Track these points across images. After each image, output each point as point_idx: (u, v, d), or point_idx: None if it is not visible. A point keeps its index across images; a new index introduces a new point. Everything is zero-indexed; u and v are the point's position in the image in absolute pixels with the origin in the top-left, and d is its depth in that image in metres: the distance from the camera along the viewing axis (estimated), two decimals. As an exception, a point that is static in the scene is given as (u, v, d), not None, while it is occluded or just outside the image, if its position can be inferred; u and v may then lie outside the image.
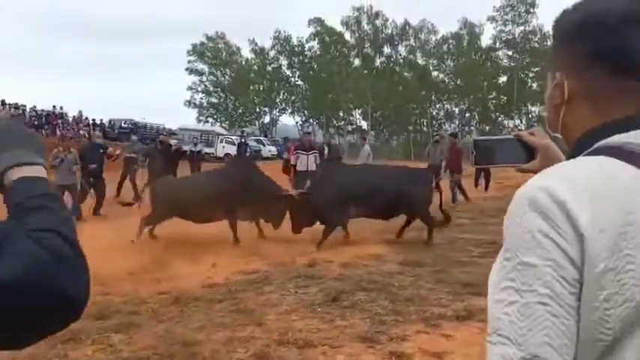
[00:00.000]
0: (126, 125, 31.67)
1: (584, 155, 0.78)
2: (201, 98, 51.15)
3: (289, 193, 8.18)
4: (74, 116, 28.48)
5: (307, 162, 11.57)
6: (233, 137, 31.37)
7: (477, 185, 16.72)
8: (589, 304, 0.68)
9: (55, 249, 0.67)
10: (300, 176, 11.21)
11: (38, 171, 0.78)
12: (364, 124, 53.98)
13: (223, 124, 51.57)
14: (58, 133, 24.55)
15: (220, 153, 31.08)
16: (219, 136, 32.33)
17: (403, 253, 6.82)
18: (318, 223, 7.82)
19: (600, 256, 0.68)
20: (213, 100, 51.48)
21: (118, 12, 75.94)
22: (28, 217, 0.70)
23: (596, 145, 0.77)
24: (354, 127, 55.42)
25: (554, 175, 0.74)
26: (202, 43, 49.64)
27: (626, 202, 0.70)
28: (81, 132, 26.26)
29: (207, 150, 26.88)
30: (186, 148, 26.33)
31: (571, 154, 0.81)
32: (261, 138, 37.72)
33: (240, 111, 52.67)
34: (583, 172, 0.73)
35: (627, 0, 0.78)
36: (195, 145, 17.25)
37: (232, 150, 28.47)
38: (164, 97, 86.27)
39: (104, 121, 31.08)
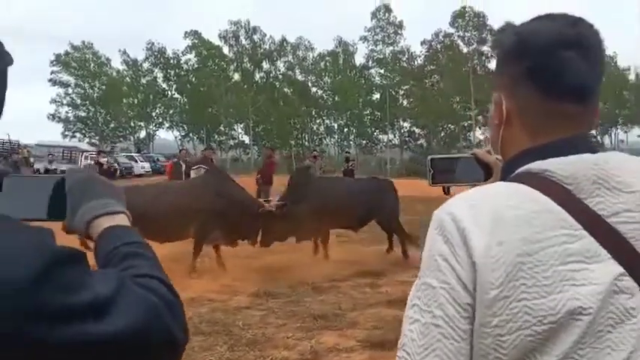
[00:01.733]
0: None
1: (504, 180, 0.80)
2: (67, 112, 47.34)
3: (268, 208, 7.45)
4: None
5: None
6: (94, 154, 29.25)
7: None
8: (481, 328, 0.70)
9: (160, 293, 0.68)
10: None
11: (123, 219, 0.81)
12: (246, 139, 53.58)
13: (93, 139, 48.24)
14: None
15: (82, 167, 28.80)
16: (84, 153, 29.97)
17: (260, 281, 6.51)
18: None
19: (493, 283, 0.69)
20: (81, 113, 47.86)
21: None
22: (126, 264, 0.72)
23: (517, 171, 0.78)
24: (236, 141, 54.75)
25: (462, 201, 0.76)
26: (67, 53, 46.03)
27: (529, 232, 0.70)
28: None
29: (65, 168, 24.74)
30: (39, 165, 24.19)
31: (501, 178, 0.83)
32: (133, 154, 35.66)
33: (112, 125, 49.54)
34: (491, 200, 0.74)
35: (560, 23, 0.80)
36: (51, 162, 15.69)
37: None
38: (24, 111, 78.67)
39: None
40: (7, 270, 0.53)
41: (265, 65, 50.79)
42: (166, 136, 54.16)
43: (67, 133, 47.22)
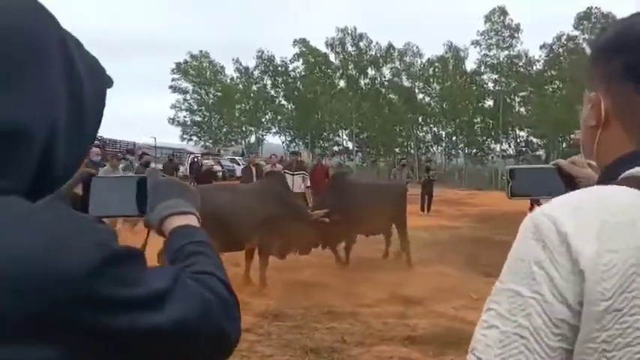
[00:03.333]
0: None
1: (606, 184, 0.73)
2: (185, 116, 50.75)
3: (320, 217, 7.05)
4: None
5: (293, 183, 11.16)
6: (199, 156, 30.73)
7: (422, 209, 16.57)
8: (585, 344, 0.63)
9: (217, 290, 0.73)
10: None
11: (193, 220, 0.88)
12: (350, 145, 53.73)
13: (207, 142, 51.16)
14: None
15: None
16: (190, 155, 31.72)
17: (277, 298, 6.16)
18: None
19: (604, 294, 0.63)
20: (197, 118, 51.06)
21: (103, 29, 75.91)
22: (189, 261, 0.78)
23: (622, 176, 0.72)
24: (340, 147, 55.11)
25: (564, 204, 0.69)
26: (186, 62, 49.38)
27: None
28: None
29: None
30: (153, 166, 25.84)
31: (598, 184, 0.76)
32: (236, 157, 37.16)
33: (224, 130, 52.23)
34: (599, 203, 0.67)
35: None
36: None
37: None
38: (150, 115, 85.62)
39: None
40: (69, 262, 0.58)
41: (370, 72, 50.57)
42: (274, 141, 55.87)
43: (184, 136, 50.55)
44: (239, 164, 35.61)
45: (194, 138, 50.82)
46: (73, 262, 0.58)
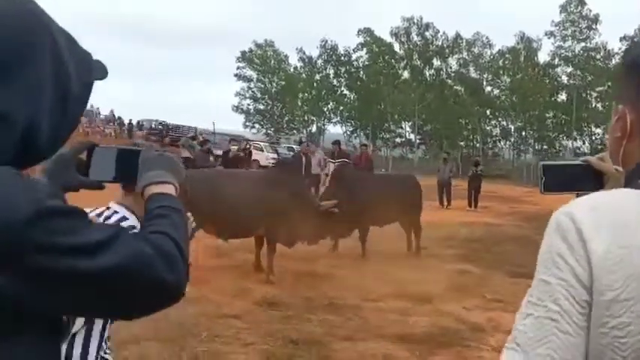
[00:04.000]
0: (155, 126, 32.26)
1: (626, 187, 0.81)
2: (248, 104, 51.69)
3: (329, 208, 7.00)
4: (105, 115, 29.39)
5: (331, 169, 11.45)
6: (262, 143, 31.16)
7: (441, 203, 16.11)
8: (597, 328, 0.71)
9: (159, 246, 0.83)
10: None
11: (170, 189, 1.03)
12: (413, 137, 52.79)
13: (269, 131, 51.91)
14: (81, 130, 25.27)
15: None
16: (247, 142, 32.24)
17: (278, 287, 6.11)
18: None
19: (611, 286, 0.71)
20: (260, 106, 51.86)
21: (172, 18, 78.33)
22: (151, 222, 0.92)
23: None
24: (402, 139, 54.28)
25: (583, 203, 0.78)
26: (251, 50, 50.19)
27: None
28: (106, 130, 26.98)
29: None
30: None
31: (623, 187, 0.83)
32: (293, 146, 37.46)
33: (286, 118, 52.76)
34: (613, 203, 0.76)
35: None
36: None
37: (260, 156, 28.50)
38: (214, 102, 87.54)
39: (134, 122, 31.72)
40: (8, 215, 0.69)
41: (436, 62, 49.27)
42: (336, 131, 55.84)
43: (247, 123, 51.54)
44: (263, 151, 35.90)
45: (256, 126, 51.65)
46: (12, 215, 0.69)
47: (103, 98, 65.59)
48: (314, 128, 54.46)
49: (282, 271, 6.72)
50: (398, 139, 54.16)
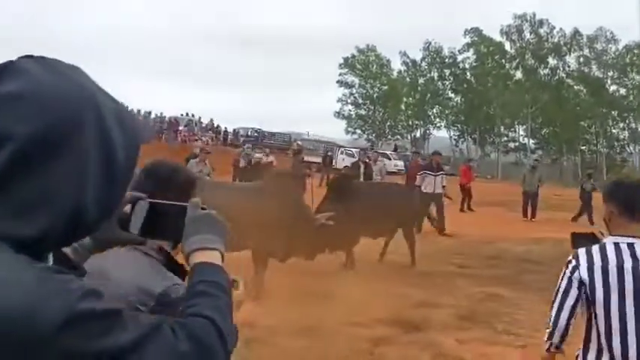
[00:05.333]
0: (251, 134, 33.39)
1: None
2: (350, 110, 51.74)
3: (325, 221, 6.57)
4: (205, 124, 30.96)
5: (434, 184, 11.00)
6: (353, 150, 30.95)
7: (525, 215, 14.55)
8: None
9: (199, 339, 0.79)
10: (426, 198, 10.59)
11: (216, 257, 0.97)
12: (528, 141, 49.40)
13: (370, 137, 51.56)
14: (179, 138, 26.85)
15: (340, 165, 30.97)
16: (340, 148, 32.21)
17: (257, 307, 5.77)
18: None
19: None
20: (362, 112, 51.68)
21: (270, 24, 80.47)
22: (194, 300, 0.87)
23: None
24: (516, 144, 51.02)
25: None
26: (353, 56, 50.19)
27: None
28: (203, 138, 28.36)
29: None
30: (311, 158, 26.86)
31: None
32: (387, 152, 36.75)
33: (388, 123, 52.04)
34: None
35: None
36: (268, 155, 17.19)
37: (350, 162, 28.32)
38: (315, 109, 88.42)
39: (230, 130, 33.02)
40: (39, 324, 0.67)
41: (552, 61, 45.59)
42: (442, 135, 53.93)
43: (349, 129, 51.61)
44: (390, 159, 35.19)
45: (358, 131, 51.52)
46: (41, 323, 0.67)
47: (206, 107, 69.70)
48: (418, 133, 53.09)
49: (269, 288, 6.34)
50: (511, 144, 51.03)
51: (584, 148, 48.48)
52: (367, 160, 13.58)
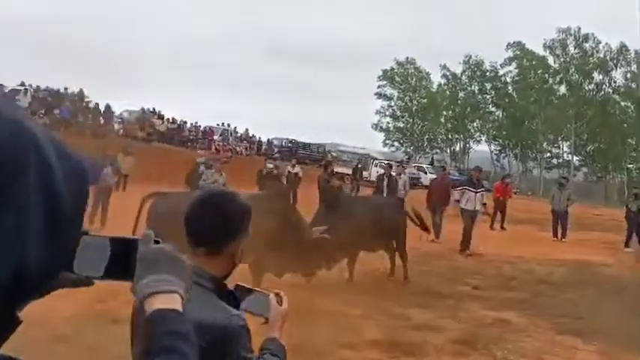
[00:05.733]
0: (285, 144, 33.51)
1: None
2: (388, 122, 51.43)
3: (321, 236, 6.60)
4: (240, 133, 31.34)
5: (474, 200, 10.76)
6: (386, 162, 30.71)
7: (555, 235, 13.98)
8: None
9: None
10: (465, 215, 10.42)
11: (175, 301, 0.88)
12: (572, 158, 47.81)
13: (408, 149, 51.08)
14: (213, 148, 27.27)
15: (373, 177, 30.76)
16: (374, 160, 31.96)
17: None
18: None
19: None
20: (400, 124, 51.28)
21: (311, 37, 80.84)
22: (156, 357, 0.82)
23: None
24: (560, 160, 49.44)
25: None
26: (392, 69, 49.96)
27: None
28: (237, 148, 28.72)
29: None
30: (340, 169, 26.88)
31: None
32: (424, 165, 36.25)
33: (427, 137, 51.43)
34: None
35: None
36: (294, 166, 17.22)
37: (423, 178, 28.46)
38: (353, 120, 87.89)
39: (264, 139, 33.27)
40: None
41: (597, 76, 44.09)
42: (482, 148, 52.85)
43: (387, 142, 51.28)
44: (426, 172, 34.71)
45: (396, 144, 51.11)
46: None
47: (244, 117, 70.57)
48: (457, 147, 52.22)
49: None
50: (554, 160, 49.51)
51: (631, 166, 46.47)
52: (391, 174, 13.44)
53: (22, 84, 22.69)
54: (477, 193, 10.67)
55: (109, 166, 10.59)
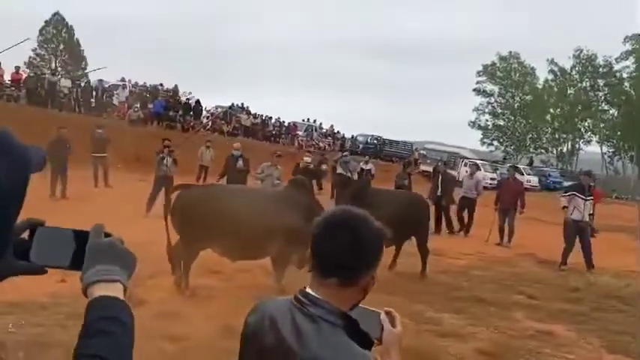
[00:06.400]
0: (370, 141, 33.03)
1: None
2: (487, 120, 49.07)
3: None
4: (326, 129, 31.40)
5: (583, 209, 9.55)
6: (478, 161, 29.31)
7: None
8: None
9: None
10: (571, 228, 9.27)
11: (117, 290, 0.90)
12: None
13: (508, 149, 48.48)
14: (296, 143, 27.61)
15: (462, 176, 29.53)
16: (463, 160, 30.56)
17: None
18: None
19: None
20: (500, 122, 48.72)
21: (408, 34, 78.71)
22: (89, 340, 0.83)
23: None
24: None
25: None
26: (494, 64, 47.52)
27: None
28: (321, 144, 28.79)
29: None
30: (424, 167, 26.15)
31: None
32: (520, 166, 34.07)
33: (530, 136, 48.40)
34: None
35: None
36: (367, 162, 16.98)
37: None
38: (448, 117, 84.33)
39: (347, 136, 32.98)
40: None
41: None
42: (593, 150, 48.78)
43: (485, 140, 49.01)
44: (522, 174, 32.63)
45: (495, 143, 48.67)
46: None
47: (336, 114, 70.67)
48: (565, 148, 48.62)
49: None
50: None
51: None
52: (445, 170, 12.94)
53: (122, 79, 24.65)
54: (585, 201, 9.56)
55: (169, 158, 11.12)
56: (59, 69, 36.32)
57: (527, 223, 15.98)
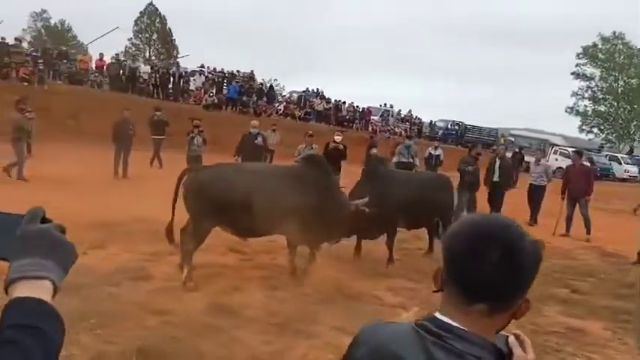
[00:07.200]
0: (451, 127, 31.75)
1: None
2: (586, 105, 45.46)
3: (361, 208, 6.41)
4: (404, 115, 30.58)
5: None
6: (570, 149, 27.37)
7: None
8: None
9: None
10: None
11: (43, 289, 0.77)
12: None
13: (610, 136, 44.75)
14: (370, 128, 27.10)
15: (552, 165, 27.71)
16: (553, 147, 28.57)
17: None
18: None
19: None
20: (601, 108, 44.95)
21: (500, 14, 74.00)
22: None
23: None
24: None
25: None
26: (595, 45, 43.76)
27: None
28: (396, 129, 28.12)
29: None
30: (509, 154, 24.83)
31: None
32: (619, 155, 31.33)
33: (635, 123, 44.28)
34: None
35: None
36: (436, 148, 16.49)
37: (565, 163, 25.43)
38: (544, 103, 78.39)
39: (425, 121, 31.87)
40: None
41: None
42: None
43: (584, 127, 45.60)
44: (620, 163, 30.06)
45: (595, 130, 45.08)
46: None
47: (422, 99, 68.70)
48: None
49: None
50: None
51: None
52: (504, 155, 12.10)
53: (202, 66, 25.52)
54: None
55: (199, 137, 11.58)
56: (152, 57, 38.53)
57: (611, 214, 14.72)
